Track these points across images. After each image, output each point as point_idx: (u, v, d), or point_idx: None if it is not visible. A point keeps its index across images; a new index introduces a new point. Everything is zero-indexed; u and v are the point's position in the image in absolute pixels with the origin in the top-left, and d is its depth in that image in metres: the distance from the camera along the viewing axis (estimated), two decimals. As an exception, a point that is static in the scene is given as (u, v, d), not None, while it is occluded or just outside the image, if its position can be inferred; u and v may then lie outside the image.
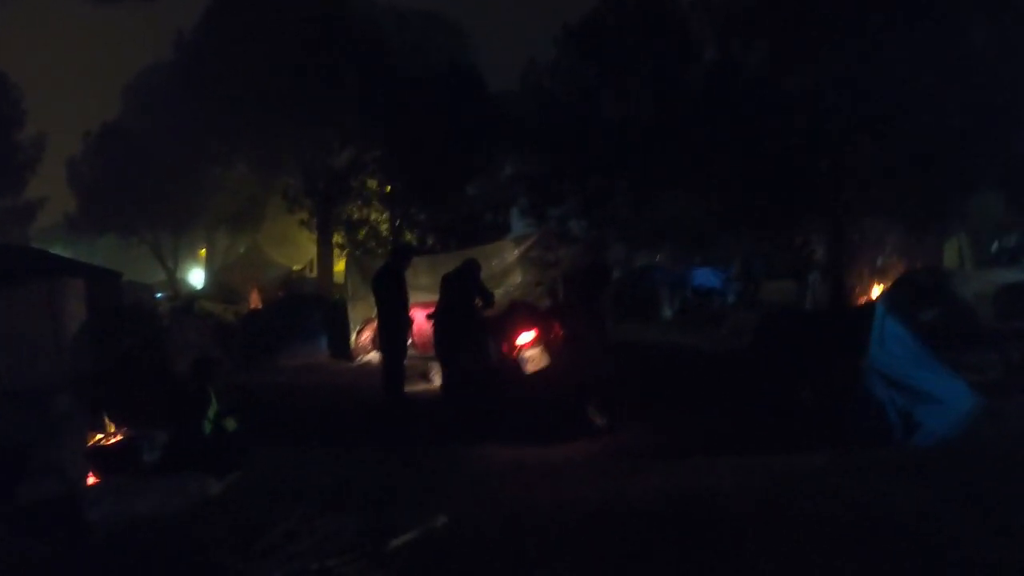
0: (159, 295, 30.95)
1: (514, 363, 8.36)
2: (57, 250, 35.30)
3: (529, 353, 8.35)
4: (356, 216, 24.45)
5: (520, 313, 8.97)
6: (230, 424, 7.24)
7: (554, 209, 21.48)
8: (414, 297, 12.80)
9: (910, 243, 21.48)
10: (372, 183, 24.23)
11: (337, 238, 25.22)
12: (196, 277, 43.61)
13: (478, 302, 9.46)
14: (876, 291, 17.85)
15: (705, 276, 20.25)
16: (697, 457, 6.83)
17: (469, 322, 9.13)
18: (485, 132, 21.97)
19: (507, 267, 15.29)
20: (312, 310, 16.84)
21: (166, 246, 37.55)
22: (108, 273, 18.17)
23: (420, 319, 10.76)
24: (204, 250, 43.88)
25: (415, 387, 11.34)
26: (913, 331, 7.91)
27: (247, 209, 34.46)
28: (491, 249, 15.86)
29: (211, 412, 7.13)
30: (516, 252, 15.37)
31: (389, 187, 23.89)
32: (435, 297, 10.11)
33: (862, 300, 16.53)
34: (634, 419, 8.17)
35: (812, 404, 7.21)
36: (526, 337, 8.45)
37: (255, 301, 26.25)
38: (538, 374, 8.31)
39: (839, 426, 6.90)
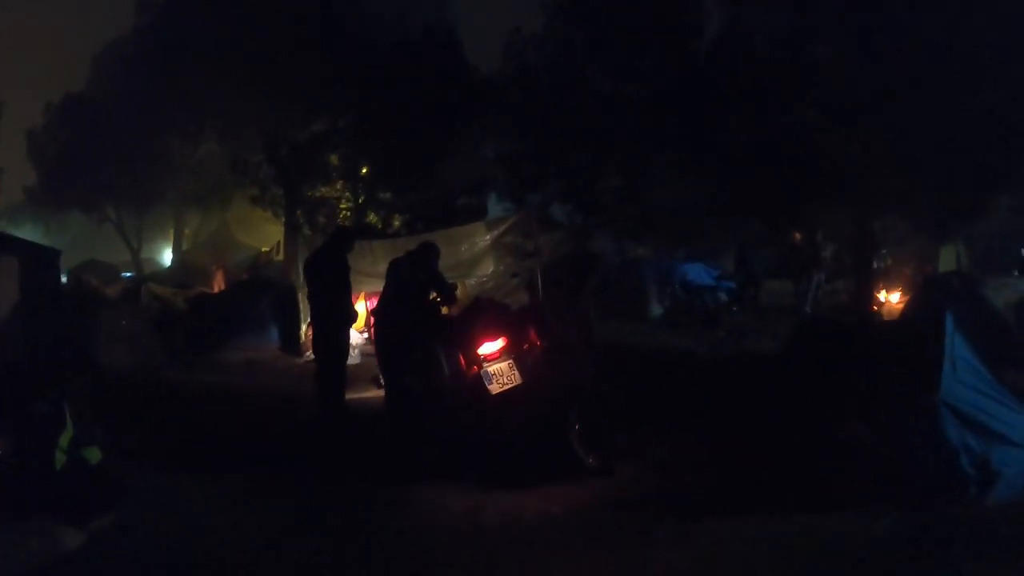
0: (126, 274, 29.94)
1: (475, 380, 6.41)
2: (26, 227, 34.48)
3: (495, 368, 6.41)
4: (310, 194, 22.70)
5: (485, 314, 6.92)
6: (93, 455, 5.42)
7: (535, 193, 20.01)
8: (371, 285, 11.21)
9: (907, 246, 20.17)
10: (334, 158, 22.41)
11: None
12: (168, 257, 42.34)
13: (434, 297, 7.62)
14: (882, 296, 16.51)
15: (696, 272, 18.68)
16: (718, 516, 5.15)
17: (419, 324, 7.22)
18: (462, 105, 20.44)
19: (478, 254, 13.44)
20: (262, 297, 15.36)
21: (130, 224, 36.76)
22: (45, 251, 16.50)
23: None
24: (173, 229, 42.91)
25: (364, 393, 9.72)
26: (978, 352, 6.29)
27: (214, 188, 33.44)
28: (460, 232, 13.94)
29: (64, 440, 5.33)
30: (489, 237, 13.44)
31: (364, 168, 22.25)
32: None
33: (872, 307, 15.19)
34: (632, 452, 6.46)
35: (866, 443, 5.57)
36: (491, 347, 6.50)
37: (219, 283, 24.82)
38: (507, 395, 6.38)
39: (901, 475, 5.37)
